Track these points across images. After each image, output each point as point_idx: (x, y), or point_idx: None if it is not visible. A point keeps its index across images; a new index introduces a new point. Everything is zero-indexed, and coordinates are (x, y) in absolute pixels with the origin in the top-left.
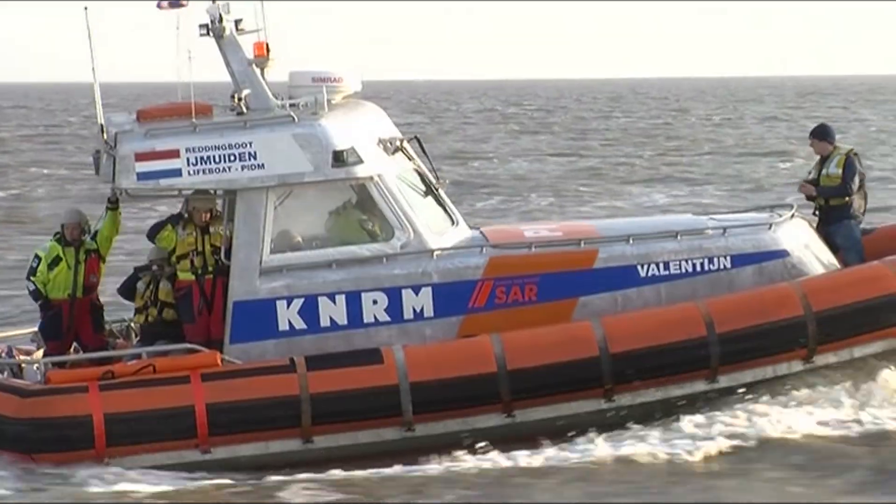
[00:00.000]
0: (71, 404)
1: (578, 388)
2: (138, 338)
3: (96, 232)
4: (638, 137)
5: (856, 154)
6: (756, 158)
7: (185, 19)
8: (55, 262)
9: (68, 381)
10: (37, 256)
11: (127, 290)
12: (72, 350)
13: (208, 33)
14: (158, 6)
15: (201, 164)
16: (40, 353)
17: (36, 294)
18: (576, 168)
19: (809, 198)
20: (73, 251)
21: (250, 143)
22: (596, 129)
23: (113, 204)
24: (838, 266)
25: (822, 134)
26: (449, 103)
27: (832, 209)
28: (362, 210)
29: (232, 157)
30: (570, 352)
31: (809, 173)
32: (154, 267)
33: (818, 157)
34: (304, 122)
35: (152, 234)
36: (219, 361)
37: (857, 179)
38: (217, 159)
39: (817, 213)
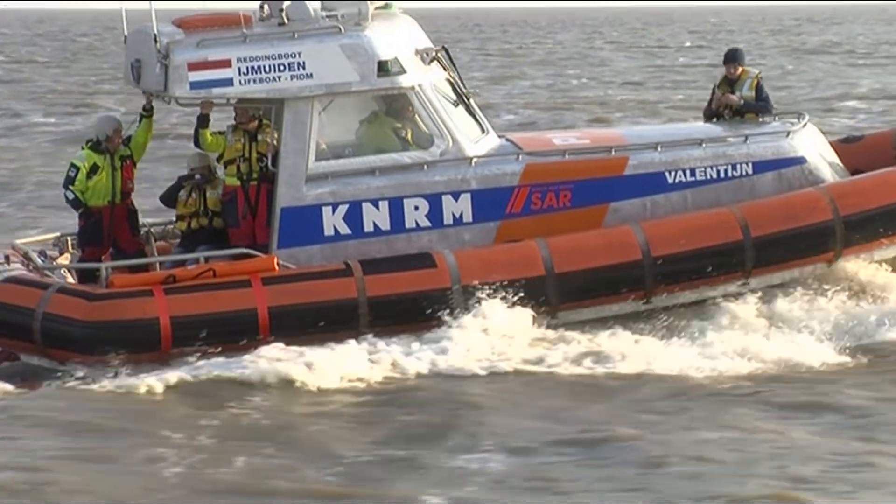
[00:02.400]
0: (139, 307)
1: (620, 291)
2: (178, 242)
3: (129, 137)
4: None
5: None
6: None
7: None
8: (93, 170)
9: (133, 285)
10: (73, 166)
11: (169, 198)
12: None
13: None
14: None
15: (252, 73)
16: (64, 257)
17: (76, 202)
18: None
19: (717, 113)
20: (110, 158)
21: (299, 54)
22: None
23: (147, 111)
24: (845, 171)
25: (736, 57)
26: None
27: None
28: (395, 118)
29: (282, 67)
30: (615, 256)
31: (713, 94)
32: (196, 175)
33: (722, 80)
34: (350, 33)
35: (196, 140)
36: (276, 266)
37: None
38: (267, 69)
39: None
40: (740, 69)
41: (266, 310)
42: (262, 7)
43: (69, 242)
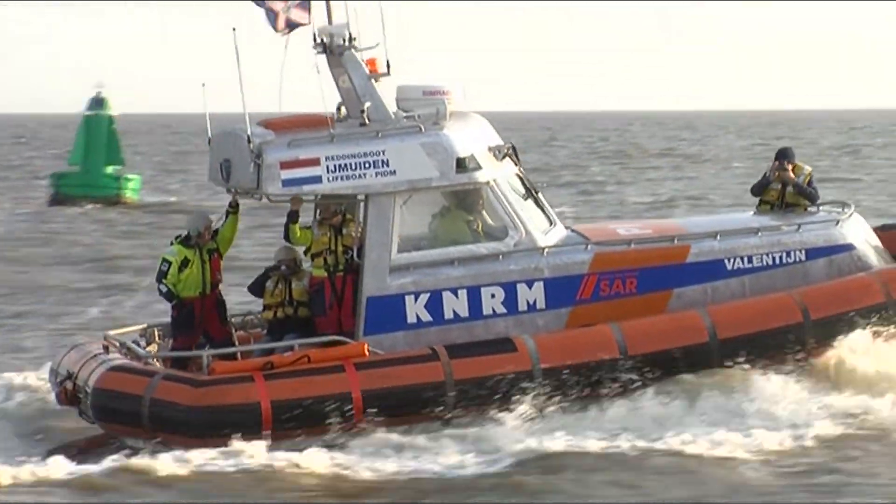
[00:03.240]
0: (242, 393)
1: (690, 370)
2: (265, 331)
3: (216, 231)
4: None
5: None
6: None
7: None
8: (185, 263)
9: (234, 372)
10: (165, 261)
11: (257, 288)
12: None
13: (324, 51)
14: (279, 31)
15: (339, 171)
16: (151, 347)
17: (169, 295)
18: None
19: (766, 200)
20: (199, 252)
21: (383, 152)
22: None
23: (234, 208)
24: (889, 256)
25: (788, 155)
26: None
27: (787, 207)
28: (467, 211)
29: (367, 165)
30: (685, 339)
31: (765, 175)
32: (282, 267)
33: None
34: (430, 132)
35: (286, 234)
36: (366, 352)
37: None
38: (353, 167)
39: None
40: (793, 165)
41: (360, 393)
42: (339, 108)
43: (156, 333)
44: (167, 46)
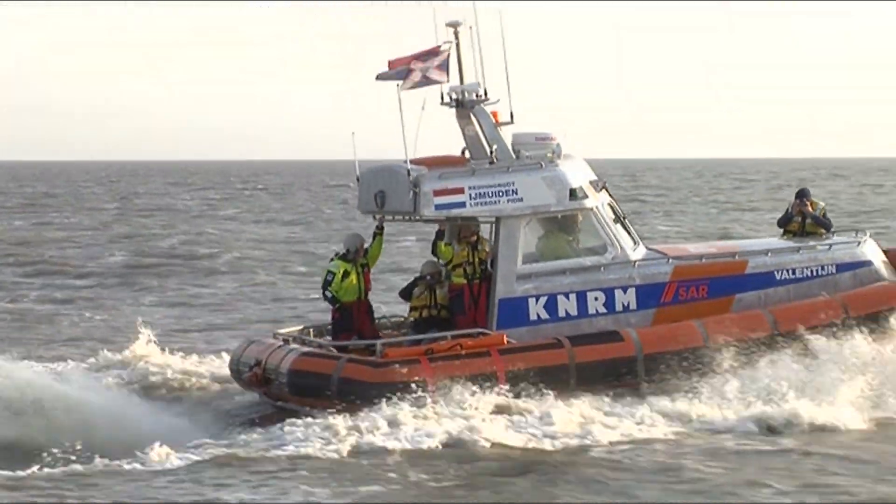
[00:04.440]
0: (413, 372)
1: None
2: (413, 327)
3: (366, 251)
4: None
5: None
6: None
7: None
8: (345, 275)
9: (404, 356)
10: (330, 272)
11: (406, 294)
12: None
13: (458, 105)
14: (404, 85)
15: (479, 198)
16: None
17: (333, 300)
18: None
19: (789, 230)
20: (355, 266)
21: (513, 183)
22: None
23: (380, 230)
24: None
25: (807, 194)
26: None
27: (807, 235)
28: (566, 233)
29: (500, 193)
30: (753, 331)
31: (787, 210)
32: (427, 277)
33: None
34: (548, 168)
35: (434, 251)
36: (505, 341)
37: None
38: (490, 194)
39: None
40: (810, 202)
41: (504, 372)
42: (462, 152)
43: (311, 332)
44: None
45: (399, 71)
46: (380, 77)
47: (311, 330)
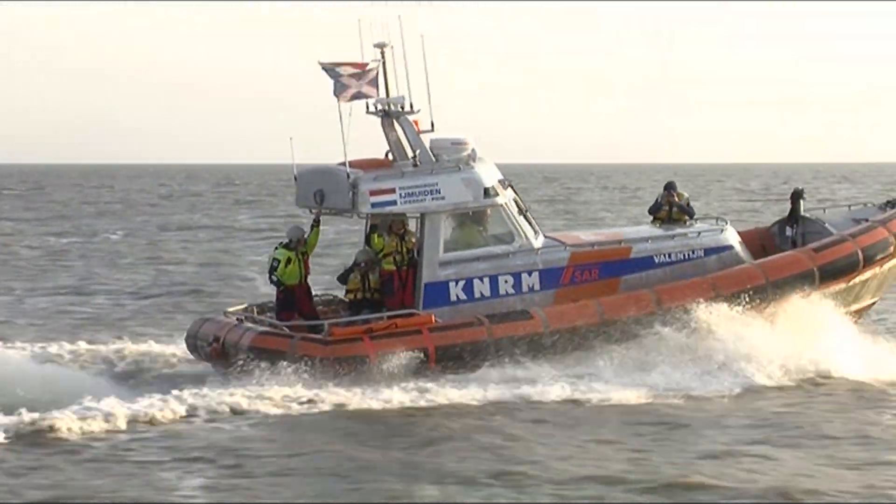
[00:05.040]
0: (358, 348)
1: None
2: (347, 309)
3: (305, 241)
4: None
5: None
6: None
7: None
8: (288, 262)
9: (348, 335)
10: (276, 259)
11: (343, 279)
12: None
13: (385, 115)
14: (342, 98)
15: (408, 197)
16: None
17: (278, 283)
18: None
19: (658, 217)
20: (297, 254)
21: (437, 184)
22: None
23: (316, 223)
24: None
25: (674, 186)
26: None
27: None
28: (477, 224)
29: (426, 192)
30: (641, 308)
31: (657, 200)
32: (361, 264)
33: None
34: (465, 170)
35: (367, 242)
36: (433, 320)
37: None
38: (417, 194)
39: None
40: (676, 193)
41: (434, 348)
42: (386, 154)
43: (255, 310)
44: None
45: (336, 85)
46: (321, 65)
47: (255, 308)
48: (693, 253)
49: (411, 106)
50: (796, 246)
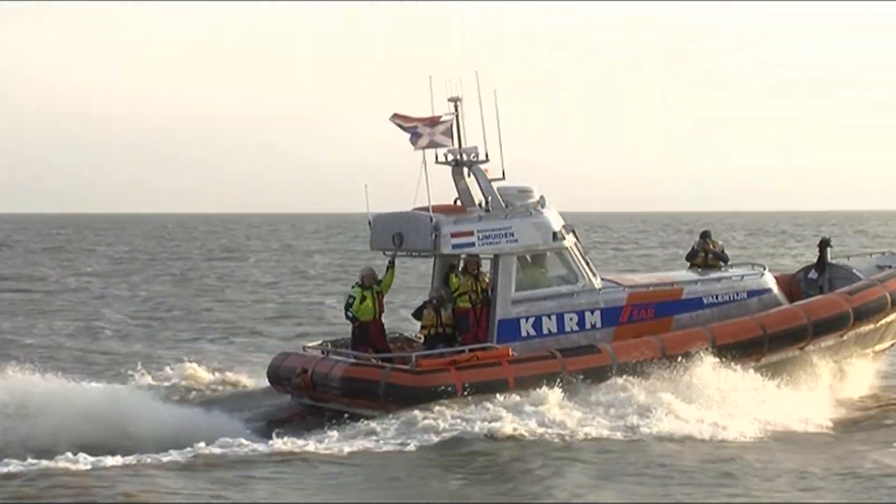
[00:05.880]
0: (444, 378)
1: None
2: (423, 343)
3: (380, 280)
4: None
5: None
6: None
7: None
8: (363, 299)
9: (435, 366)
10: (351, 296)
11: (417, 314)
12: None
13: (455, 164)
14: (418, 148)
15: (485, 239)
16: None
17: (353, 319)
18: None
19: (695, 263)
20: (371, 292)
21: (511, 227)
22: None
23: (391, 264)
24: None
25: (710, 234)
26: None
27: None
28: (539, 266)
29: (500, 235)
30: (696, 345)
31: (693, 248)
32: (434, 301)
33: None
34: (536, 215)
35: (444, 283)
36: (510, 353)
37: None
38: (493, 236)
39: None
40: (712, 241)
41: (513, 378)
42: (455, 201)
43: (329, 345)
44: None
45: (411, 133)
46: (392, 119)
47: (329, 343)
48: (737, 295)
49: (486, 155)
50: (822, 291)
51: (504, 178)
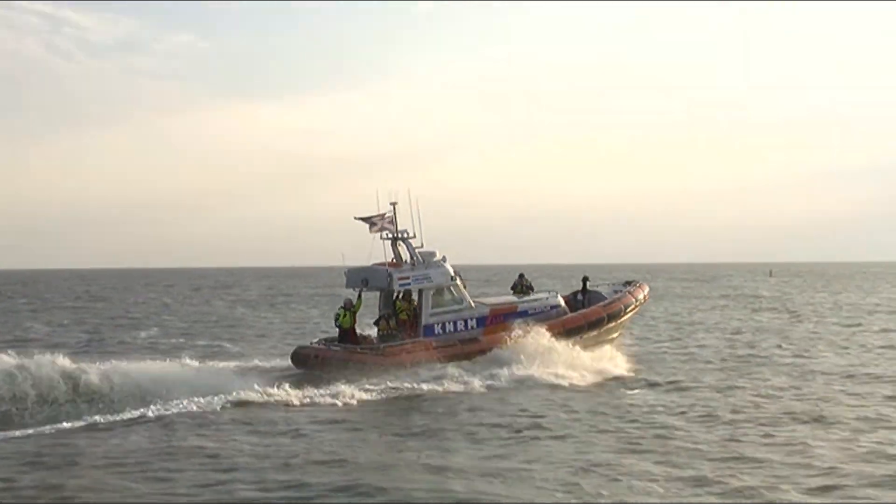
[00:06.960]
0: (399, 358)
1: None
2: (378, 340)
3: (352, 304)
4: None
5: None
6: None
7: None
8: (345, 315)
9: (393, 351)
10: (337, 314)
11: (377, 323)
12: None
13: (394, 240)
14: (373, 230)
15: (416, 281)
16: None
17: (339, 326)
18: None
19: (516, 287)
20: (349, 312)
21: (428, 274)
22: None
23: (360, 296)
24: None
25: (523, 274)
26: None
27: (524, 294)
28: (440, 295)
29: (423, 278)
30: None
31: (514, 283)
32: (386, 315)
33: (519, 279)
34: (441, 266)
35: (390, 306)
36: (432, 344)
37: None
38: (419, 279)
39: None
40: (525, 278)
41: (436, 357)
42: (392, 260)
43: (324, 342)
44: None
45: (369, 224)
46: (355, 218)
47: (325, 340)
48: (545, 308)
49: (414, 234)
50: (585, 306)
51: (422, 245)
